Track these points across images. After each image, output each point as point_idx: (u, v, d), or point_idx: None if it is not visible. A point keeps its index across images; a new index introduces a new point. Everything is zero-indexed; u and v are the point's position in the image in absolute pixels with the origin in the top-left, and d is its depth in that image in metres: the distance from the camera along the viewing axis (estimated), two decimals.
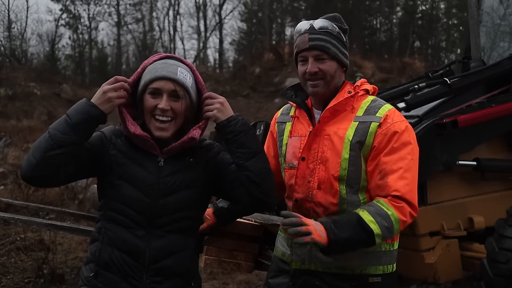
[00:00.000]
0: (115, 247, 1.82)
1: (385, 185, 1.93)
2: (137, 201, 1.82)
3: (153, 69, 1.85)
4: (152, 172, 1.85)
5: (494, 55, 4.23)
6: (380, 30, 34.11)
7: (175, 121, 1.86)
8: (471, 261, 3.34)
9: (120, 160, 1.85)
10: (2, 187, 8.45)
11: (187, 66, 1.90)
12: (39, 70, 25.18)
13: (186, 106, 1.86)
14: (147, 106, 1.84)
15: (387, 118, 1.99)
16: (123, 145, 1.88)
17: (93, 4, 33.32)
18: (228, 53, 38.24)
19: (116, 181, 1.83)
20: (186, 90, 1.85)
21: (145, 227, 1.82)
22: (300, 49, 2.06)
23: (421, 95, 3.32)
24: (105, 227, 1.85)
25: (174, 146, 1.86)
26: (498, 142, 3.57)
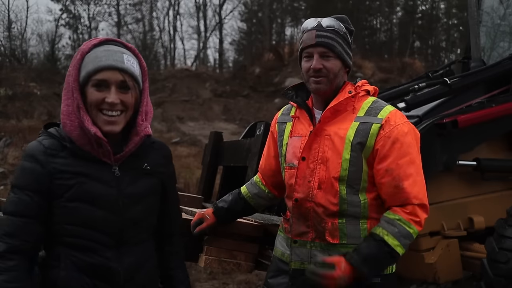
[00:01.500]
0: (84, 273, 1.60)
1: (403, 191, 1.95)
2: (101, 221, 1.61)
3: (95, 58, 1.59)
4: (111, 185, 1.63)
5: (494, 55, 4.24)
6: (380, 30, 34.10)
7: (125, 114, 1.63)
8: (471, 261, 3.34)
9: (70, 182, 1.58)
10: (2, 187, 8.45)
11: (130, 51, 1.67)
12: (39, 70, 25.17)
13: (136, 97, 1.65)
14: (92, 100, 1.59)
15: (389, 121, 1.99)
16: (67, 162, 1.60)
17: (93, 4, 33.36)
18: (228, 53, 38.24)
19: (68, 204, 1.58)
20: (135, 80, 1.63)
21: (112, 247, 1.63)
22: (306, 45, 2.06)
23: (421, 95, 3.32)
24: (66, 253, 1.60)
25: (127, 151, 1.65)
26: (498, 142, 3.57)
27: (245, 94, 21.37)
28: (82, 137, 1.60)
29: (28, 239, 1.56)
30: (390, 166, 1.96)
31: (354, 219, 2.02)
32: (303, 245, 2.09)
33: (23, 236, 1.56)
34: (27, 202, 1.58)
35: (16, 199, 1.59)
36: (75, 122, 1.60)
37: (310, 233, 2.07)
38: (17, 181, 1.62)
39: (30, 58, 29.99)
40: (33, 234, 1.58)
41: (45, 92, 20.62)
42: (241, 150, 3.49)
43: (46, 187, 1.58)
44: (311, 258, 2.06)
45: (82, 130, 1.59)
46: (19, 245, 1.55)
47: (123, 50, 1.65)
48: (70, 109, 1.61)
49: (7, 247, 1.53)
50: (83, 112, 1.59)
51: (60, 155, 1.60)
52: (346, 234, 2.02)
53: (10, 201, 1.60)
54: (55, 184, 1.58)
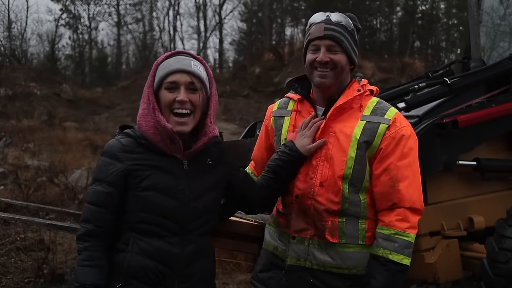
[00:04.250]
0: (147, 256, 1.79)
1: (397, 192, 1.95)
2: (170, 209, 1.80)
3: (167, 65, 1.84)
4: (180, 177, 1.84)
5: (494, 55, 4.23)
6: (380, 30, 34.09)
7: (194, 114, 1.84)
8: (471, 261, 3.34)
9: (145, 173, 1.80)
10: (2, 187, 8.45)
11: (198, 61, 1.90)
12: (39, 70, 25.20)
13: (203, 99, 1.86)
14: (165, 101, 1.82)
15: (395, 122, 2.00)
16: (143, 156, 1.82)
17: (93, 4, 33.37)
18: (228, 53, 38.31)
19: (142, 193, 1.79)
20: (202, 82, 1.85)
21: (178, 234, 1.82)
22: (313, 37, 2.03)
23: (421, 95, 3.31)
24: (135, 237, 1.81)
25: (196, 148, 1.86)
26: (498, 142, 3.57)
27: (245, 94, 21.38)
28: (156, 135, 1.81)
29: (100, 225, 1.80)
30: (389, 166, 1.97)
31: (353, 219, 2.01)
32: (301, 242, 2.07)
33: (97, 222, 1.80)
34: (102, 193, 1.81)
35: (94, 190, 1.83)
36: (151, 122, 1.82)
37: (310, 230, 2.05)
38: (96, 174, 1.85)
39: (30, 58, 30.03)
40: (105, 221, 1.80)
41: (45, 92, 20.63)
42: (241, 150, 3.48)
43: (121, 180, 1.79)
44: (308, 256, 2.05)
45: (156, 129, 1.81)
46: (93, 230, 1.79)
47: (191, 58, 1.88)
48: (146, 111, 1.84)
49: (84, 231, 1.80)
50: (158, 113, 1.81)
51: (136, 151, 1.83)
52: (345, 234, 2.01)
53: (90, 192, 1.85)
54: (131, 176, 1.79)
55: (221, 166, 1.98)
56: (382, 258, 1.93)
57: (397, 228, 1.94)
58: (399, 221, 1.94)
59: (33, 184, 8.39)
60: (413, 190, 1.98)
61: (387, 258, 1.92)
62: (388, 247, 1.93)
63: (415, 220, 1.97)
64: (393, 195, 1.96)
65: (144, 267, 1.78)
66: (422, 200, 2.01)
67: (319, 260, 2.03)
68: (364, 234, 2.01)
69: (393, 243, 1.93)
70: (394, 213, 1.96)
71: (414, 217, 1.97)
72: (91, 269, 1.76)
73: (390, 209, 1.97)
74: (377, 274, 1.92)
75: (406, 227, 1.95)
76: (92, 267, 1.76)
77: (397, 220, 1.95)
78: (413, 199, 1.97)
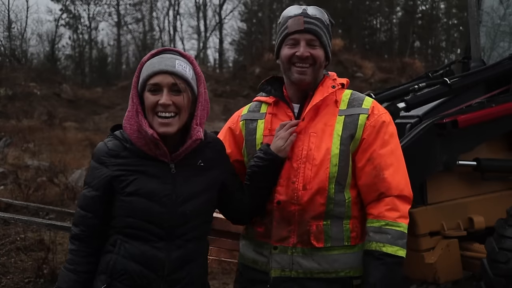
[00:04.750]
0: (132, 259, 1.75)
1: (383, 181, 1.88)
2: (156, 214, 1.75)
3: (150, 65, 1.77)
4: (166, 181, 1.77)
5: (494, 55, 4.23)
6: (380, 30, 34.13)
7: (179, 116, 1.76)
8: (471, 261, 3.33)
9: (130, 178, 1.75)
10: (2, 187, 8.45)
11: (185, 58, 1.81)
12: (39, 70, 25.20)
13: (188, 100, 1.77)
14: (148, 104, 1.75)
15: (374, 110, 1.94)
16: (128, 161, 1.77)
17: (93, 4, 33.38)
18: (228, 53, 38.31)
19: (127, 198, 1.75)
20: (187, 82, 1.76)
21: (165, 239, 1.77)
22: (292, 30, 1.93)
23: (421, 95, 3.31)
24: (122, 240, 1.77)
25: (181, 151, 1.79)
26: (498, 142, 3.57)
27: (245, 94, 21.37)
28: (140, 139, 1.76)
29: (85, 230, 1.79)
30: (372, 155, 1.90)
31: (338, 220, 1.93)
32: (284, 251, 1.94)
33: (82, 226, 1.79)
34: (88, 198, 1.79)
35: (82, 194, 1.82)
36: (134, 125, 1.76)
37: (292, 238, 1.93)
38: (86, 178, 1.84)
39: (30, 58, 30.05)
40: (90, 225, 1.79)
41: (45, 92, 20.63)
42: None
43: (107, 185, 1.76)
44: (293, 265, 1.93)
45: (140, 132, 1.75)
46: (79, 234, 1.79)
47: (177, 57, 1.79)
48: (130, 114, 1.78)
49: (72, 233, 1.81)
50: (141, 116, 1.76)
51: (121, 155, 1.77)
52: (330, 237, 1.92)
53: (80, 195, 1.84)
54: (116, 181, 1.75)
55: (216, 167, 1.90)
56: (376, 252, 1.84)
57: (388, 218, 1.86)
58: (388, 211, 1.86)
59: (33, 184, 8.39)
60: (400, 177, 1.90)
61: (381, 251, 1.83)
62: (381, 239, 1.84)
63: (405, 209, 1.89)
64: (379, 185, 1.88)
65: (129, 270, 1.75)
66: (409, 187, 1.93)
67: (305, 268, 1.92)
68: (349, 234, 1.93)
69: (386, 235, 1.84)
70: (383, 203, 1.88)
71: (403, 205, 1.89)
72: (70, 274, 1.78)
73: (377, 199, 1.89)
74: (373, 269, 1.83)
75: (397, 217, 1.86)
76: (71, 272, 1.78)
77: (387, 210, 1.86)
78: (401, 187, 1.89)
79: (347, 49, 24.05)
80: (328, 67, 2.08)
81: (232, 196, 1.97)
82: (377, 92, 3.93)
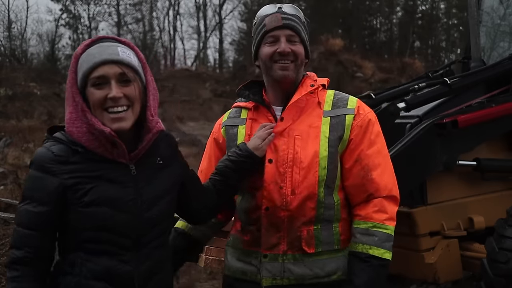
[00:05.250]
0: (97, 279, 1.54)
1: (371, 182, 1.85)
2: (121, 223, 1.55)
3: (89, 56, 1.53)
4: (128, 185, 1.57)
5: (494, 55, 4.23)
6: (380, 30, 34.13)
7: (132, 109, 1.56)
8: (471, 261, 3.34)
9: (86, 186, 1.52)
10: (2, 187, 8.44)
11: (125, 45, 1.61)
12: (39, 70, 25.19)
13: (139, 90, 1.57)
14: (94, 100, 1.52)
15: (359, 109, 1.91)
16: (81, 167, 1.53)
17: (93, 4, 33.38)
18: (228, 53, 38.27)
19: (86, 209, 1.51)
20: (135, 70, 1.56)
21: (131, 249, 1.58)
22: (271, 27, 1.88)
23: (421, 95, 3.32)
24: (82, 258, 1.54)
25: (141, 148, 1.60)
26: (498, 142, 3.57)
27: None
28: (92, 141, 1.54)
29: (31, 251, 1.52)
30: (359, 156, 1.87)
31: (328, 224, 1.88)
32: (275, 259, 1.88)
33: (27, 248, 1.52)
34: (32, 213, 1.52)
35: (23, 210, 1.53)
36: (83, 127, 1.54)
37: (282, 245, 1.87)
38: (25, 191, 1.56)
39: (30, 58, 30.04)
40: (37, 246, 1.53)
41: (45, 92, 20.63)
42: None
43: (58, 197, 1.51)
44: (285, 273, 1.87)
45: (91, 134, 1.53)
46: (23, 257, 1.51)
47: (117, 44, 1.58)
48: (74, 115, 1.55)
49: (12, 258, 1.52)
50: (89, 115, 1.53)
51: (71, 161, 1.53)
52: (321, 241, 1.87)
53: (18, 212, 1.55)
54: (69, 191, 1.51)
55: (174, 163, 1.73)
56: (362, 254, 1.81)
57: (375, 220, 1.83)
58: (376, 212, 1.83)
59: None
60: (387, 177, 1.87)
61: (367, 254, 1.80)
62: (368, 241, 1.81)
63: (393, 211, 1.86)
64: (368, 185, 1.85)
65: None
66: (397, 187, 1.89)
67: (296, 275, 1.87)
68: (339, 237, 1.90)
69: (372, 237, 1.81)
70: (371, 204, 1.85)
71: (391, 207, 1.86)
72: None
73: (366, 201, 1.86)
74: (359, 271, 1.81)
75: (384, 219, 1.83)
76: None
77: (374, 211, 1.83)
78: (389, 187, 1.86)
79: (347, 49, 24.03)
80: (328, 67, 2.08)
81: (190, 194, 1.81)
82: (377, 92, 3.93)
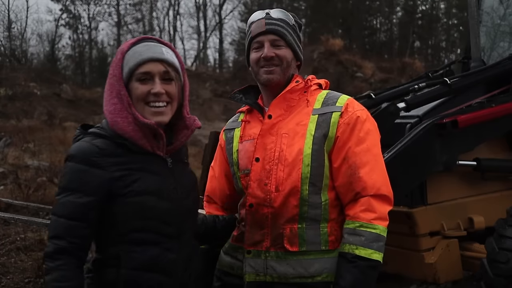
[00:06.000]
0: (145, 270, 1.61)
1: (359, 180, 1.81)
2: (166, 211, 1.64)
3: (135, 53, 1.65)
4: (167, 176, 1.68)
5: (494, 55, 4.23)
6: (380, 30, 34.12)
7: (171, 105, 1.68)
8: (471, 261, 3.34)
9: (133, 177, 1.61)
10: (2, 187, 8.45)
11: (167, 46, 1.73)
12: (39, 70, 25.19)
13: (179, 89, 1.70)
14: (138, 94, 1.63)
15: (347, 107, 1.89)
16: (126, 159, 1.63)
17: (93, 4, 33.36)
18: (228, 53, 38.24)
19: (135, 199, 1.60)
20: (177, 70, 1.69)
21: (174, 237, 1.67)
22: (255, 33, 1.93)
23: (421, 95, 3.32)
24: (125, 251, 1.61)
25: (179, 143, 1.73)
26: (498, 142, 3.57)
27: None
28: (137, 131, 1.63)
29: (75, 241, 1.57)
30: (347, 154, 1.84)
31: (314, 223, 1.86)
32: (258, 256, 1.89)
33: (71, 238, 1.56)
34: (79, 204, 1.57)
35: (66, 201, 1.58)
36: (129, 117, 1.62)
37: (265, 242, 1.88)
38: (67, 183, 1.60)
39: (30, 58, 30.03)
40: (81, 236, 1.58)
41: (45, 92, 20.63)
42: None
43: (104, 189, 1.58)
44: (267, 269, 1.88)
45: (135, 125, 1.62)
46: (66, 247, 1.56)
47: (161, 45, 1.70)
48: (119, 106, 1.63)
49: (54, 248, 1.56)
50: (133, 108, 1.62)
51: (115, 154, 1.61)
52: (305, 241, 1.85)
53: (60, 203, 1.59)
54: (115, 183, 1.59)
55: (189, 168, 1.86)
56: (348, 255, 1.77)
57: (362, 219, 1.79)
58: (363, 211, 1.79)
59: (33, 184, 8.38)
60: (377, 175, 1.83)
61: (353, 254, 1.76)
62: (354, 241, 1.78)
63: (384, 210, 1.81)
64: (355, 184, 1.81)
65: (141, 282, 1.61)
66: (389, 186, 1.85)
67: (279, 272, 1.87)
68: (327, 238, 1.86)
69: (359, 237, 1.77)
70: (358, 204, 1.81)
71: (381, 206, 1.81)
72: None
73: (354, 200, 1.83)
74: (345, 272, 1.77)
75: (372, 218, 1.78)
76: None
77: (361, 211, 1.79)
78: (377, 185, 1.81)
79: (347, 49, 24.04)
80: (328, 67, 2.08)
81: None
82: (377, 92, 3.94)
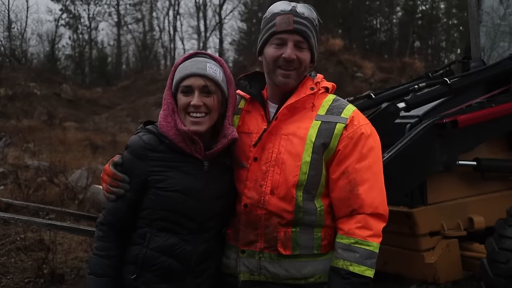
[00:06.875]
0: (162, 252, 1.85)
1: (357, 197, 1.80)
2: (190, 208, 1.84)
3: (183, 68, 1.87)
4: (199, 177, 1.86)
5: (494, 55, 4.23)
6: (380, 30, 34.13)
7: (209, 116, 1.85)
8: (471, 261, 3.34)
9: (167, 173, 1.84)
10: (2, 187, 8.44)
11: (216, 62, 1.91)
12: (39, 70, 25.21)
13: (218, 101, 1.87)
14: (181, 105, 1.86)
15: (353, 120, 1.84)
16: (164, 156, 1.86)
17: (93, 4, 33.39)
18: (228, 53, 38.22)
19: (163, 192, 1.83)
20: (217, 84, 1.85)
21: (194, 232, 1.87)
22: (280, 29, 1.82)
23: (421, 95, 3.32)
24: (151, 233, 1.86)
25: (216, 149, 1.88)
26: (498, 142, 3.57)
27: None
28: (177, 135, 1.85)
29: (117, 216, 1.88)
30: (347, 169, 1.81)
31: (308, 228, 1.86)
32: (252, 256, 1.89)
33: (114, 213, 1.89)
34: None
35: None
36: (171, 123, 1.86)
37: (259, 243, 1.88)
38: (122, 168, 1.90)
39: (30, 58, 30.07)
40: (121, 213, 1.88)
41: (45, 92, 20.64)
42: None
43: (142, 177, 1.84)
44: (261, 270, 1.88)
45: (176, 130, 1.85)
46: (109, 220, 1.89)
47: (208, 60, 1.89)
48: (166, 113, 1.88)
49: (101, 219, 1.91)
50: (176, 115, 1.87)
51: (158, 149, 1.86)
52: (299, 245, 1.85)
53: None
54: (151, 174, 1.84)
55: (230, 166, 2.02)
56: (342, 271, 1.77)
57: (358, 236, 1.78)
58: (359, 228, 1.78)
59: (33, 184, 8.37)
60: (375, 194, 1.81)
61: (347, 270, 1.76)
62: (349, 258, 1.77)
63: (379, 227, 1.81)
64: (352, 201, 1.80)
65: (158, 262, 1.84)
66: (385, 205, 1.84)
67: (272, 273, 1.87)
68: (320, 243, 1.87)
69: (354, 254, 1.77)
70: (354, 220, 1.80)
71: (377, 224, 1.80)
72: (102, 260, 1.86)
73: (349, 215, 1.81)
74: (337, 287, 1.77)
75: (368, 235, 1.78)
76: (103, 258, 1.86)
77: (357, 227, 1.78)
78: (375, 204, 1.80)
79: (347, 49, 24.01)
80: (328, 67, 2.07)
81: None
82: (377, 92, 3.94)
